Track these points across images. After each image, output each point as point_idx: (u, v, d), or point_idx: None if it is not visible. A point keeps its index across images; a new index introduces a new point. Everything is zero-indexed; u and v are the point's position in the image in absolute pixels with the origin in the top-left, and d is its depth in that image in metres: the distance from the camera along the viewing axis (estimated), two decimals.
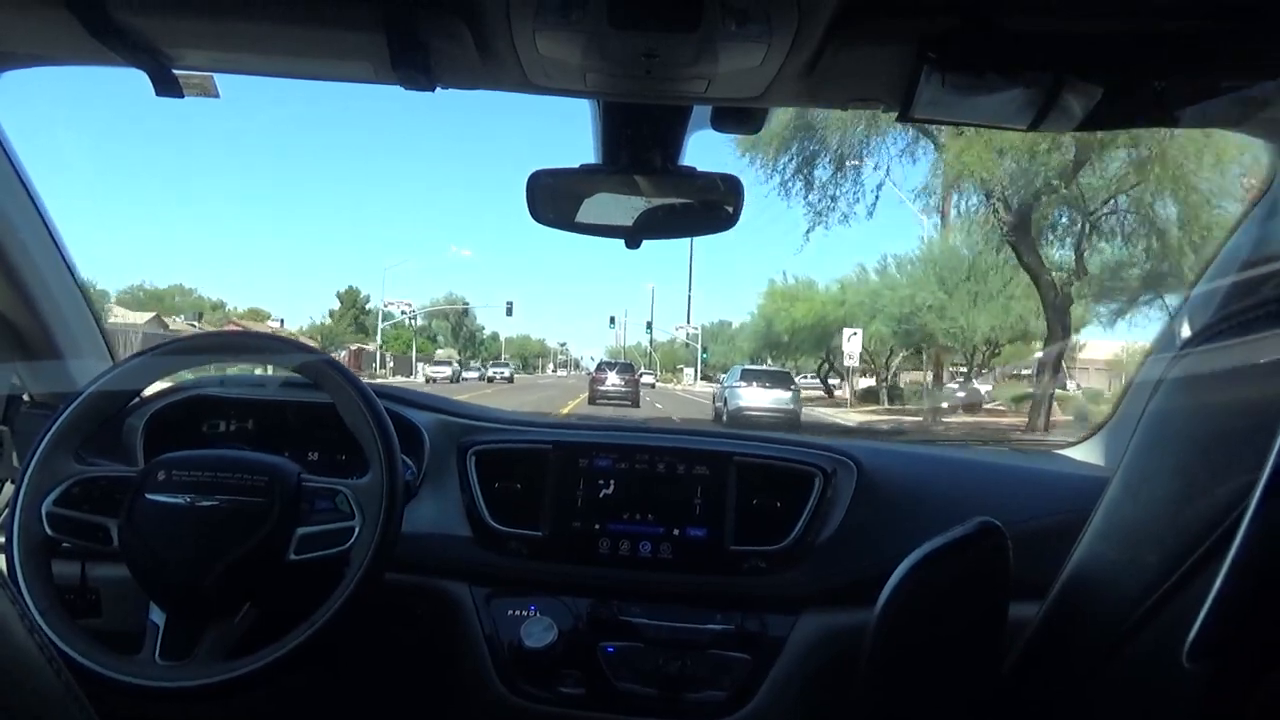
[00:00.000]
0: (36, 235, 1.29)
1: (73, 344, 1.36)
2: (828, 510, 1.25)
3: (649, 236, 1.17)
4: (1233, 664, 0.53)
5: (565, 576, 1.26)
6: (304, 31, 0.85)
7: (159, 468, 1.01)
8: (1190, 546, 0.59)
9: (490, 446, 1.33)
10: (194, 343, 1.17)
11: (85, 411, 1.08)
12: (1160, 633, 0.62)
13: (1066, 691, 0.73)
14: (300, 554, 1.00)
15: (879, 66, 0.86)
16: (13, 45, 0.99)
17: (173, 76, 0.92)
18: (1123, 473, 0.74)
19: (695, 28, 0.77)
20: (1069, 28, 0.80)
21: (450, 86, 0.95)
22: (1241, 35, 0.78)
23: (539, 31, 0.80)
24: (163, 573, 0.98)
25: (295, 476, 1.03)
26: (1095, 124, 0.87)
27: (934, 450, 1.61)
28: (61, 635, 0.96)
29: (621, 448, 1.31)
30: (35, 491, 1.02)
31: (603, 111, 1.03)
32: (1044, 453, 1.60)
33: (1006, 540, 0.78)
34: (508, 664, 1.21)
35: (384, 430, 1.06)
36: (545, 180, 1.12)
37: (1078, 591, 0.76)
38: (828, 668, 1.18)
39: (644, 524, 1.26)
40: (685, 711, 1.18)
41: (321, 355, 1.14)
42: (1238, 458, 0.56)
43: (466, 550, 1.27)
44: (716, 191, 1.14)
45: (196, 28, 0.86)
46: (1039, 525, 1.13)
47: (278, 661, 0.96)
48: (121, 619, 1.13)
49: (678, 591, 1.25)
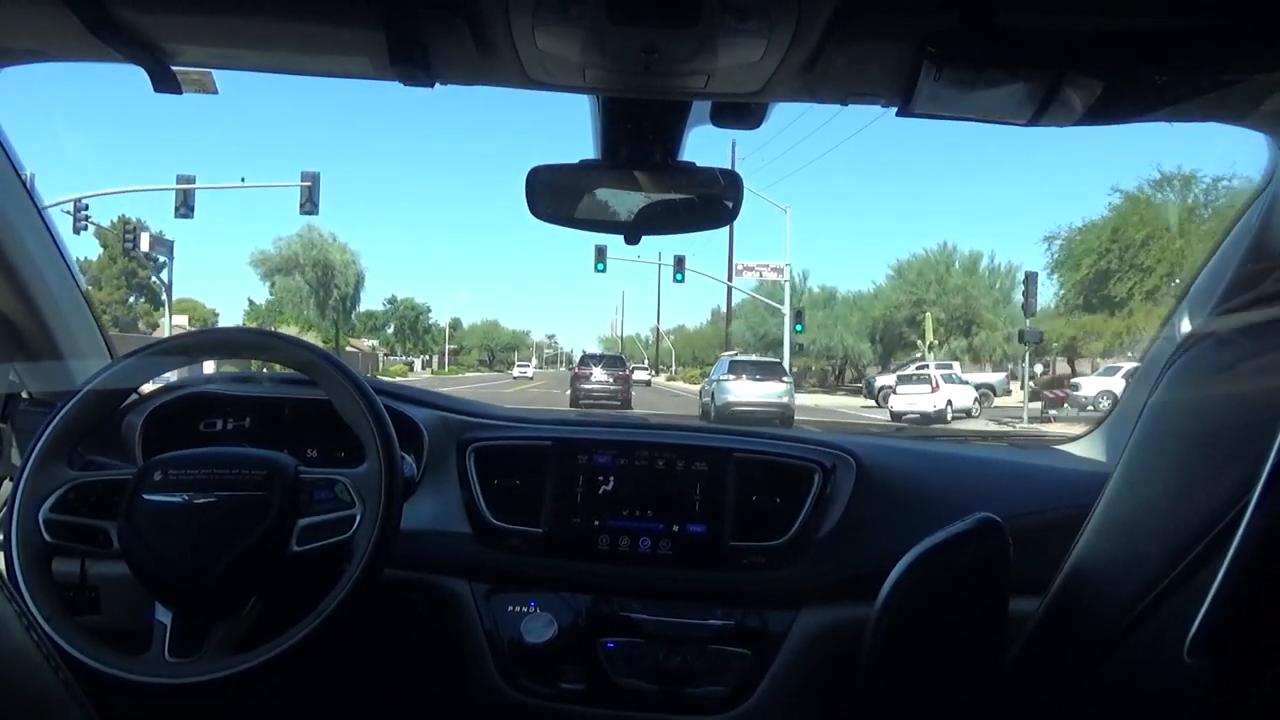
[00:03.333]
0: (35, 233, 1.29)
1: (71, 342, 1.36)
2: (827, 506, 1.25)
3: (648, 232, 1.17)
4: (1234, 659, 0.54)
5: (565, 572, 1.27)
6: (302, 27, 0.85)
7: (156, 468, 1.01)
8: (1191, 542, 0.59)
9: (490, 443, 1.33)
10: (191, 341, 1.16)
11: (81, 412, 1.07)
12: (1161, 628, 0.62)
13: (1067, 686, 0.73)
14: (303, 545, 1.00)
15: (879, 62, 0.86)
16: (10, 41, 0.99)
17: (171, 72, 0.92)
18: (1123, 468, 0.74)
19: (695, 23, 0.76)
20: (1069, 22, 0.80)
21: (449, 82, 0.95)
22: (1241, 29, 0.78)
23: (538, 27, 0.80)
24: (166, 572, 0.98)
25: (293, 469, 1.03)
26: (1095, 119, 0.87)
27: (934, 446, 1.61)
28: (68, 638, 0.96)
29: (621, 444, 1.31)
30: (32, 497, 1.02)
31: (602, 107, 1.03)
32: (1044, 448, 1.60)
33: (1006, 535, 0.78)
34: (508, 660, 1.22)
35: (380, 421, 1.06)
36: (544, 176, 1.12)
37: (1078, 587, 0.76)
38: (828, 663, 1.19)
39: (644, 520, 1.26)
40: (685, 707, 1.19)
41: (320, 351, 1.14)
42: (1238, 453, 0.56)
43: (466, 547, 1.27)
44: (716, 186, 1.14)
45: (195, 23, 0.85)
46: (1039, 520, 1.13)
47: (287, 653, 0.96)
48: (121, 616, 1.13)
49: (678, 587, 1.25)
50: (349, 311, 42.27)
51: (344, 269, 39.91)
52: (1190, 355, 0.69)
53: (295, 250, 38.53)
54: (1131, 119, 0.91)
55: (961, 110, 0.91)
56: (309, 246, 38.76)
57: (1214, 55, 0.80)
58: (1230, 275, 1.16)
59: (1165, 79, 0.82)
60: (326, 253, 39.06)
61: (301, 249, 38.55)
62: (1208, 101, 0.87)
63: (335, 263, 39.44)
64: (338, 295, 39.63)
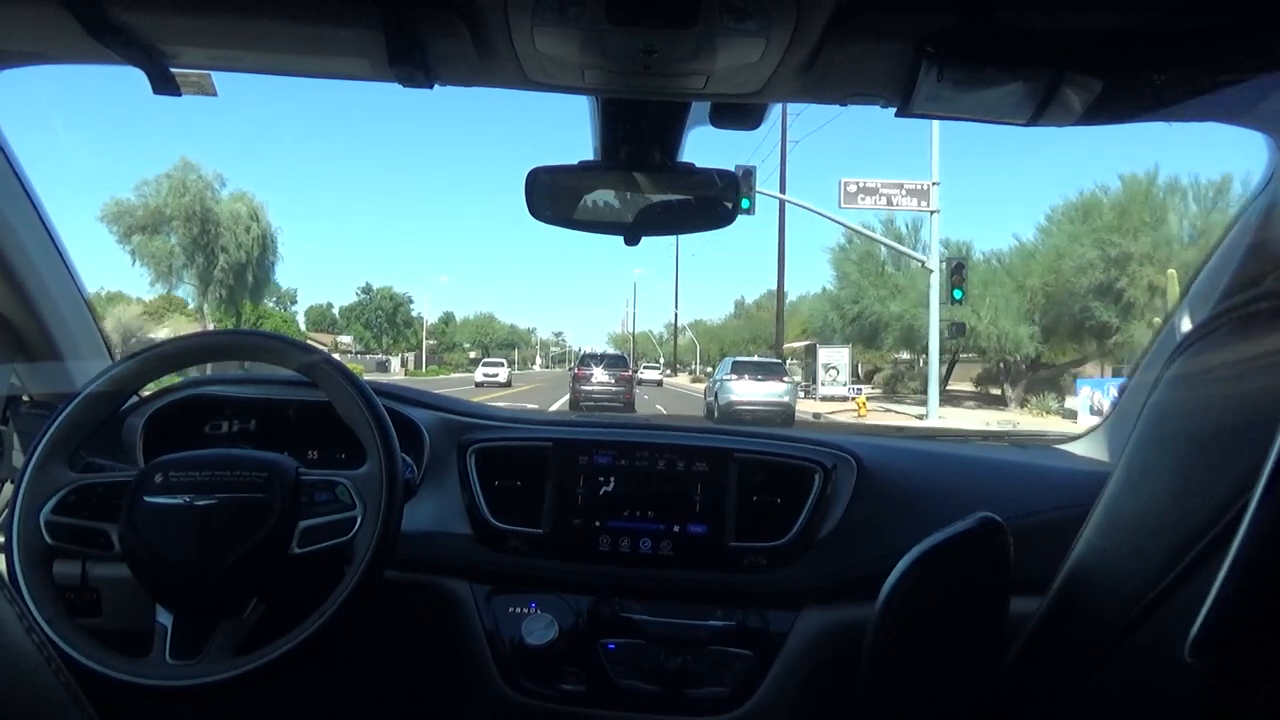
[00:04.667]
0: (35, 234, 1.29)
1: (71, 344, 1.36)
2: (828, 506, 1.25)
3: (648, 233, 1.17)
4: (1236, 659, 0.53)
5: (566, 574, 1.27)
6: (301, 29, 0.85)
7: (156, 470, 1.01)
8: (1192, 541, 0.59)
9: (490, 444, 1.33)
10: (190, 344, 1.16)
11: (81, 415, 1.07)
12: (1162, 628, 0.62)
13: (1067, 687, 0.73)
14: (304, 547, 1.00)
15: (878, 62, 0.86)
16: (9, 44, 0.99)
17: (170, 74, 0.92)
18: (1123, 467, 0.74)
19: (693, 23, 0.76)
20: (1068, 22, 0.80)
21: (448, 83, 0.95)
22: (1240, 29, 0.78)
23: (537, 28, 0.80)
24: (167, 574, 0.98)
25: (294, 470, 1.03)
26: (1094, 118, 0.87)
27: (934, 446, 1.61)
28: (68, 640, 0.96)
29: (622, 444, 1.31)
30: (33, 499, 1.02)
31: (601, 108, 1.03)
32: (1044, 448, 1.60)
33: (1007, 535, 0.78)
34: (509, 661, 1.21)
35: (381, 423, 1.06)
36: (543, 177, 1.12)
37: (1079, 586, 0.76)
38: (828, 663, 1.19)
39: (644, 521, 1.26)
40: (686, 708, 1.19)
41: (321, 354, 1.14)
42: (1238, 452, 0.56)
43: (467, 548, 1.27)
44: (714, 187, 1.14)
45: (194, 26, 0.85)
46: (1040, 520, 1.13)
47: (288, 654, 0.97)
48: (122, 618, 1.13)
49: (678, 588, 1.25)
50: (254, 288, 29.34)
51: (235, 224, 27.53)
52: (1190, 354, 0.69)
53: (163, 199, 26.60)
54: (1131, 119, 0.91)
55: (961, 110, 0.91)
56: (180, 192, 26.68)
57: (1214, 55, 0.80)
58: (1230, 275, 1.17)
59: (1165, 79, 0.82)
60: (206, 201, 27.08)
61: (171, 196, 26.69)
62: (1208, 101, 0.87)
63: (221, 216, 27.27)
64: (227, 262, 27.39)
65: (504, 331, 68.93)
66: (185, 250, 26.95)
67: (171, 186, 26.69)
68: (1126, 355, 17.20)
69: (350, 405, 1.07)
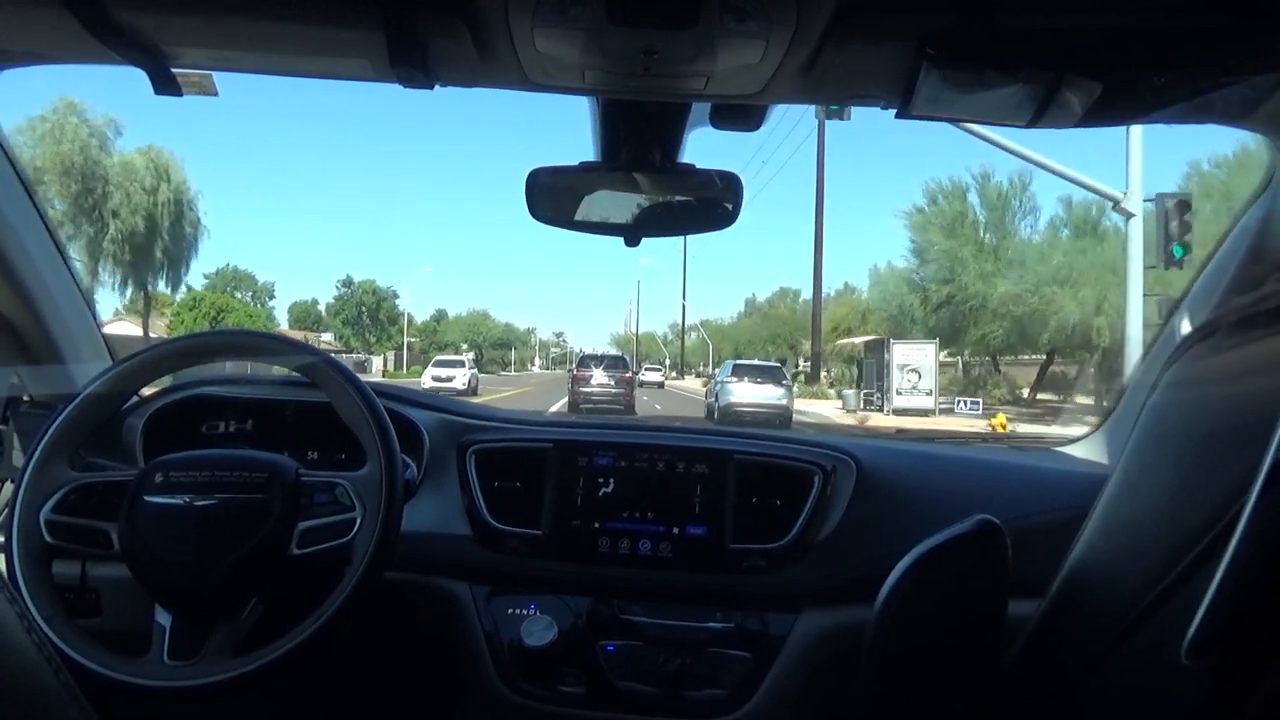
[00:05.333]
0: (35, 234, 1.29)
1: (71, 344, 1.36)
2: (827, 508, 1.25)
3: (648, 234, 1.17)
4: (1232, 661, 0.53)
5: (565, 575, 1.26)
6: (303, 30, 0.85)
7: (156, 470, 1.01)
8: (1189, 543, 0.59)
9: (490, 445, 1.33)
10: (193, 343, 1.16)
11: (81, 415, 1.08)
12: (1159, 630, 0.62)
13: (1065, 688, 0.73)
14: (303, 548, 1.00)
15: (878, 63, 0.86)
16: (10, 44, 0.99)
17: (171, 75, 0.92)
18: (1122, 470, 0.74)
19: (694, 24, 0.76)
20: (1069, 23, 0.80)
21: (449, 84, 0.95)
22: (1240, 29, 0.78)
23: (537, 29, 0.80)
24: (166, 574, 0.98)
25: (293, 471, 1.03)
26: (1095, 120, 0.86)
27: (933, 448, 1.61)
28: (68, 640, 0.96)
29: (621, 446, 1.31)
30: (33, 498, 1.02)
31: (601, 109, 1.03)
32: (1043, 450, 1.60)
33: (1005, 538, 0.78)
34: (508, 663, 1.21)
35: (381, 424, 1.06)
36: (544, 178, 1.12)
37: (1077, 588, 0.76)
38: (828, 665, 1.19)
39: (644, 522, 1.26)
40: (685, 710, 1.19)
41: (321, 355, 1.14)
42: (1236, 454, 0.56)
43: (466, 549, 1.27)
44: (715, 189, 1.14)
45: (195, 26, 0.85)
46: (1038, 522, 1.13)
47: (286, 656, 0.96)
48: (121, 618, 1.13)
49: (677, 590, 1.25)
50: (166, 267, 22.51)
51: (128, 181, 20.48)
52: (1189, 356, 0.69)
53: (35, 149, 19.07)
54: (1131, 120, 0.91)
55: (961, 111, 0.91)
56: (56, 139, 19.32)
57: (1214, 55, 0.80)
58: (1230, 275, 1.17)
59: (1165, 79, 0.82)
60: (91, 152, 19.85)
61: (45, 145, 19.25)
62: (1208, 101, 0.87)
63: (110, 172, 20.29)
64: (119, 230, 20.50)
65: (499, 330, 64.25)
66: (69, 216, 20.06)
67: (46, 132, 19.26)
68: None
69: (350, 406, 1.07)
